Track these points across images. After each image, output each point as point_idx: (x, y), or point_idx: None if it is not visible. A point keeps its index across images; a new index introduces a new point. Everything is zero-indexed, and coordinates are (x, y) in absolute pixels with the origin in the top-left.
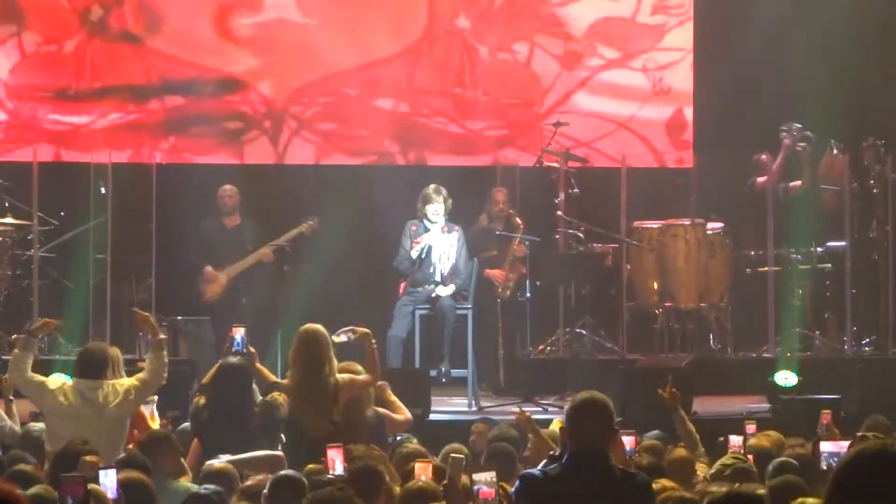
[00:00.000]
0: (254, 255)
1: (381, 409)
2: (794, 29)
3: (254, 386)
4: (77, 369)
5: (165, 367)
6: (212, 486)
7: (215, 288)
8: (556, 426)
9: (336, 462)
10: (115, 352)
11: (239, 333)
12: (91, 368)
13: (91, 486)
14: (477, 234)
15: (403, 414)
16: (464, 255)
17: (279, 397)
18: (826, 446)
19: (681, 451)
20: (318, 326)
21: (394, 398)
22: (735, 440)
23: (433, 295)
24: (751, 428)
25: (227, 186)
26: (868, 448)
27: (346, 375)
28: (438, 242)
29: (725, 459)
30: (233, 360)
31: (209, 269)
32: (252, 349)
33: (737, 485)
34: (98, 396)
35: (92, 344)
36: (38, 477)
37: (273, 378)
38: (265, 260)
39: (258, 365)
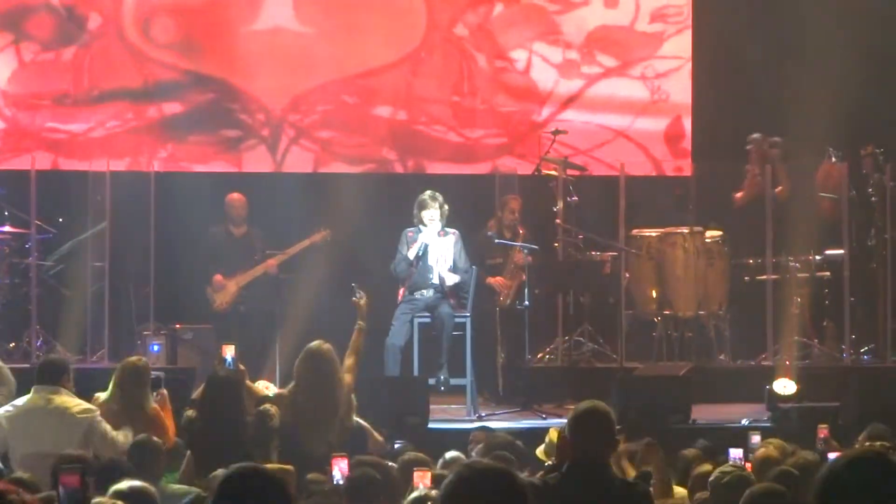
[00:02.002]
0: (262, 265)
1: (363, 423)
2: (793, 37)
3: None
4: (36, 377)
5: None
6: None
7: (224, 296)
8: (553, 436)
9: (338, 470)
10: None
11: (229, 353)
12: (48, 375)
13: None
14: (484, 240)
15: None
16: (463, 256)
17: (271, 408)
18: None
19: (707, 467)
20: (328, 346)
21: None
22: (735, 453)
23: (437, 282)
24: (755, 438)
25: (237, 196)
26: (853, 453)
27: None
28: (435, 245)
29: (725, 467)
30: (221, 372)
31: (219, 277)
32: (242, 367)
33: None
34: (55, 401)
35: (51, 355)
36: (36, 484)
37: (263, 393)
38: (270, 272)
39: (248, 382)
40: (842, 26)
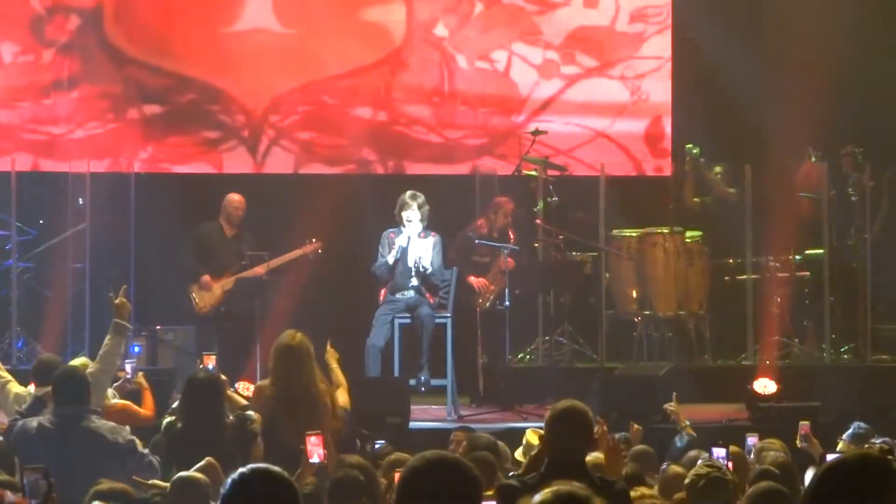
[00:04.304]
0: (250, 271)
1: (341, 403)
2: (773, 37)
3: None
4: (33, 378)
5: (118, 354)
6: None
7: (210, 299)
8: (531, 437)
9: (314, 451)
10: None
11: (211, 362)
12: (45, 375)
13: None
14: (463, 239)
15: (344, 389)
16: (440, 259)
17: (254, 414)
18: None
19: (675, 469)
20: (300, 334)
21: (339, 373)
22: (718, 452)
23: (417, 283)
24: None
25: (237, 197)
26: (849, 456)
27: (323, 387)
28: (414, 246)
29: (699, 469)
30: (201, 374)
31: (207, 278)
32: (224, 377)
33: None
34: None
35: (44, 354)
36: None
37: (244, 402)
38: (257, 276)
39: (228, 392)
40: (821, 26)
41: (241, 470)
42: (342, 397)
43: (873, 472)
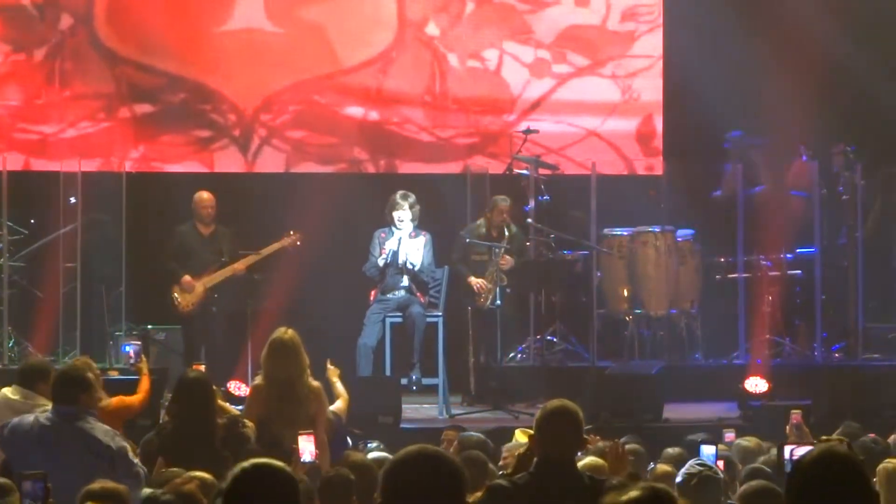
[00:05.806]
0: (229, 268)
1: (333, 409)
2: (763, 36)
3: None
4: (17, 379)
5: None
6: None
7: (192, 298)
8: (519, 436)
9: (306, 451)
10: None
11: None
12: (29, 379)
13: None
14: (460, 238)
15: (344, 400)
16: (430, 259)
17: (247, 421)
18: (789, 450)
19: (664, 468)
20: (291, 330)
21: (340, 388)
22: (708, 450)
23: (407, 284)
24: (729, 436)
25: (206, 195)
26: (816, 452)
27: (316, 384)
28: (404, 247)
29: (690, 468)
30: (192, 374)
31: (188, 278)
32: (213, 386)
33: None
34: (27, 406)
35: (33, 358)
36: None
37: (235, 412)
38: (238, 274)
39: (220, 402)
40: (813, 24)
41: (241, 465)
42: (338, 405)
43: (841, 467)
